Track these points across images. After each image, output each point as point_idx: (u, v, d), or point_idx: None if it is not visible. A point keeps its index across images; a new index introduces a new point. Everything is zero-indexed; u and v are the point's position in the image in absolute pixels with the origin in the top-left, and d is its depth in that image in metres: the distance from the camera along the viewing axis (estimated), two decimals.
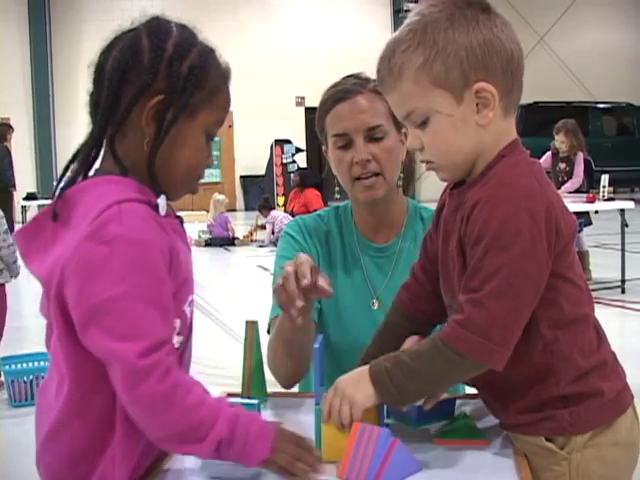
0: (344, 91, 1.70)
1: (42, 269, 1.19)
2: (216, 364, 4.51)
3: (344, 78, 1.75)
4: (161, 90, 1.20)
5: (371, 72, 1.76)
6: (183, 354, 1.27)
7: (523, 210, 1.16)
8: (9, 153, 11.62)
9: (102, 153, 1.26)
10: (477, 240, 1.18)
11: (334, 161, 1.73)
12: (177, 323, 1.22)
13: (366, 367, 1.24)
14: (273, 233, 10.67)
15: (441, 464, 1.23)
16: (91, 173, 1.26)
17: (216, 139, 1.33)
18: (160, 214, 1.19)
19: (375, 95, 1.68)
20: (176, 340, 1.22)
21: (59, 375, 1.21)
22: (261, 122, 17.44)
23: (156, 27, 1.23)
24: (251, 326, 1.40)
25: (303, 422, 1.40)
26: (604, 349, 1.31)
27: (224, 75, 1.28)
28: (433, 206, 1.87)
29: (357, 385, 1.23)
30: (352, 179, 1.70)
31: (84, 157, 1.24)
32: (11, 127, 12.09)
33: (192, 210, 16.03)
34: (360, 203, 1.77)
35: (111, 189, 1.17)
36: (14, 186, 11.44)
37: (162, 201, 1.20)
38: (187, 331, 1.27)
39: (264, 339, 1.49)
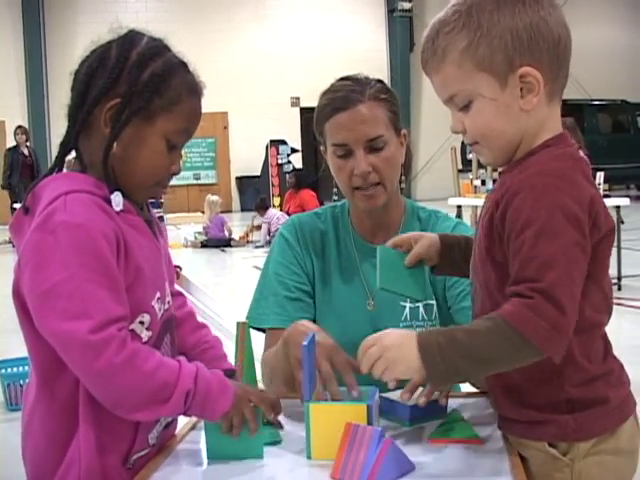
0: (344, 99, 1.66)
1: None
2: None
3: (341, 80, 1.71)
4: (120, 94, 1.26)
5: (365, 71, 1.75)
6: (158, 350, 1.28)
7: (569, 198, 1.15)
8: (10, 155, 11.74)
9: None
10: (524, 227, 1.15)
11: (334, 168, 1.72)
12: (145, 318, 1.27)
13: (413, 333, 1.19)
14: (269, 234, 10.65)
15: (435, 464, 1.23)
16: None
17: (211, 140, 1.35)
18: (114, 209, 1.23)
19: (375, 102, 1.66)
20: (144, 334, 1.27)
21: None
22: (256, 123, 17.43)
23: (127, 38, 1.30)
24: (242, 327, 1.39)
25: (297, 422, 1.39)
26: (611, 359, 1.29)
27: (191, 88, 1.32)
28: (430, 205, 1.87)
29: (403, 350, 1.18)
30: (352, 188, 1.69)
31: (59, 156, 1.30)
32: (19, 127, 12.21)
33: (188, 212, 16.09)
34: (359, 209, 1.76)
35: (65, 183, 1.24)
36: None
37: (116, 197, 1.25)
38: (159, 328, 1.31)
39: (255, 339, 1.48)
